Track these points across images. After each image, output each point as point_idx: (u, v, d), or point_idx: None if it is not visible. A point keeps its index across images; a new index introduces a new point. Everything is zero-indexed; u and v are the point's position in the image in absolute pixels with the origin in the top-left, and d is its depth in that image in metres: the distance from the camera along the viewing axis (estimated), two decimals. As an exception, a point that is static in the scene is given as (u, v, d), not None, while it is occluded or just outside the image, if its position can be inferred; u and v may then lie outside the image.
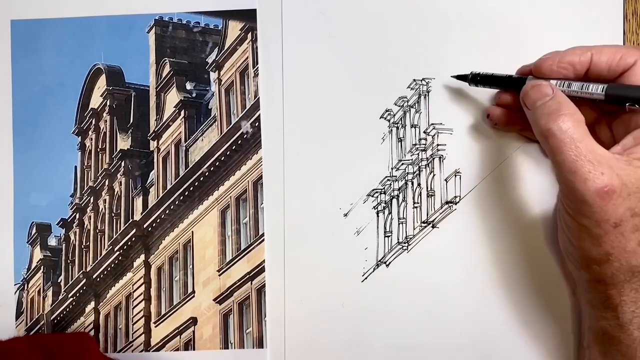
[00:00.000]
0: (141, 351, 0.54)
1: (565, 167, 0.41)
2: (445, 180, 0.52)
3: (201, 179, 0.55)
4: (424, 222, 0.52)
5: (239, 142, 0.54)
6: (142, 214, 0.55)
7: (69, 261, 0.56)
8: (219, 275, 0.54)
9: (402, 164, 0.52)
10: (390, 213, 0.52)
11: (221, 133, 0.54)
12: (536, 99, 0.43)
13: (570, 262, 0.45)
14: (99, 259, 0.56)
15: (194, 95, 0.55)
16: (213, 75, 0.55)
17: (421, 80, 0.52)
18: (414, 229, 0.52)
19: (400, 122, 0.52)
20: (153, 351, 0.54)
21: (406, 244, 0.52)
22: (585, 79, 0.44)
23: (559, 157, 0.41)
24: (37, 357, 0.45)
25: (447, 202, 0.51)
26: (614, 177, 0.40)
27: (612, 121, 0.46)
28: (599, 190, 0.39)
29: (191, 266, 0.54)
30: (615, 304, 0.42)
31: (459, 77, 0.50)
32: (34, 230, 0.55)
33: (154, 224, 0.55)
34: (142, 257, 0.55)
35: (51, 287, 0.56)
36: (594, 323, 0.44)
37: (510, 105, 0.48)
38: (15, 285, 0.55)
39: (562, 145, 0.41)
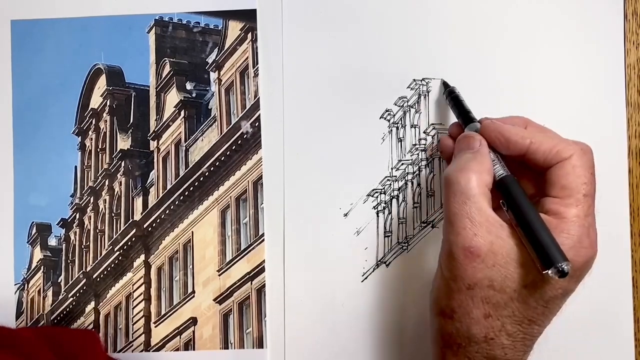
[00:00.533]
0: (141, 351, 0.54)
1: (447, 215, 0.41)
2: (445, 180, 0.52)
3: (201, 179, 0.55)
4: (423, 222, 0.52)
5: (239, 142, 0.54)
6: (142, 214, 0.55)
7: (69, 261, 0.56)
8: (219, 275, 0.54)
9: (402, 164, 0.52)
10: (390, 213, 0.52)
11: (221, 133, 0.54)
12: (462, 148, 0.44)
13: (430, 303, 0.45)
14: (99, 259, 0.56)
15: (194, 95, 0.55)
16: (213, 75, 0.55)
17: (421, 80, 0.52)
18: (414, 229, 0.52)
19: (400, 122, 0.52)
20: (153, 351, 0.54)
21: (406, 244, 0.52)
22: (523, 158, 0.43)
23: (445, 205, 0.42)
24: (44, 347, 0.45)
25: (447, 202, 0.51)
26: (485, 242, 0.40)
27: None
28: (465, 249, 0.40)
29: (191, 266, 0.55)
30: None
31: (445, 85, 0.51)
32: (34, 230, 0.55)
33: (154, 224, 0.55)
34: (142, 257, 0.55)
35: (51, 287, 0.56)
36: None
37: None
38: (15, 285, 0.55)
39: (451, 194, 0.41)
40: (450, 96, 0.49)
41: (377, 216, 0.52)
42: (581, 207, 0.41)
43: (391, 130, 0.52)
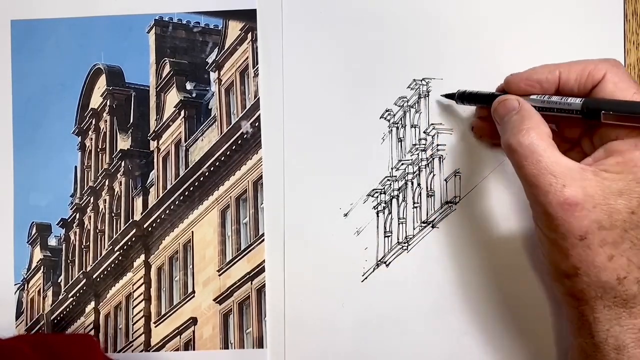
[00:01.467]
0: (141, 351, 0.54)
1: (527, 180, 0.41)
2: (445, 180, 0.52)
3: (201, 179, 0.55)
4: (424, 222, 0.52)
5: (239, 142, 0.54)
6: (142, 214, 0.55)
7: (69, 261, 0.56)
8: (219, 275, 0.54)
9: (402, 164, 0.52)
10: (390, 213, 0.52)
11: (221, 133, 0.54)
12: (503, 114, 0.44)
13: (547, 275, 0.44)
14: (99, 259, 0.56)
15: (194, 95, 0.55)
16: (213, 75, 0.55)
17: (421, 80, 0.52)
18: (414, 229, 0.52)
19: (400, 122, 0.52)
20: (153, 351, 0.54)
21: (406, 244, 0.52)
22: (561, 93, 0.44)
23: (521, 171, 0.41)
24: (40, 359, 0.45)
25: (447, 202, 0.51)
26: (577, 189, 0.39)
27: (592, 136, 0.45)
28: (561, 203, 0.39)
29: (191, 266, 0.55)
30: (589, 322, 0.41)
31: (447, 96, 0.50)
32: (34, 230, 0.55)
33: (154, 224, 0.55)
34: (142, 257, 0.55)
35: (51, 287, 0.56)
36: (573, 341, 0.43)
37: (490, 118, 0.48)
38: (15, 285, 0.55)
39: (522, 159, 0.41)
40: (464, 95, 0.49)
41: (377, 216, 0.52)
42: None
43: (391, 130, 0.52)
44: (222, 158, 0.54)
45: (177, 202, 0.55)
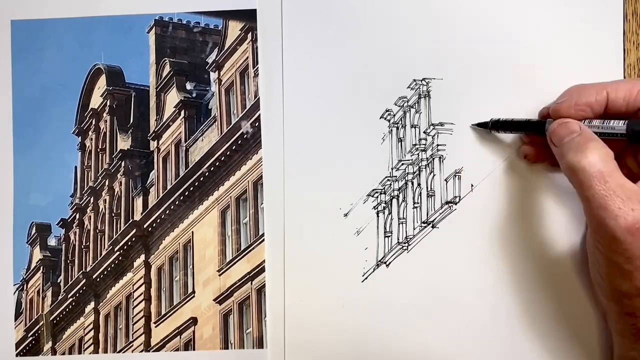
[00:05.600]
0: (141, 351, 0.54)
1: (594, 202, 0.40)
2: (445, 180, 0.52)
3: (201, 179, 0.55)
4: (424, 222, 0.52)
5: (239, 142, 0.54)
6: (142, 214, 0.55)
7: (68, 261, 0.56)
8: (219, 275, 0.54)
9: (402, 164, 0.52)
10: (390, 213, 0.52)
11: (221, 133, 0.54)
12: (564, 136, 0.43)
13: (600, 294, 0.44)
14: (99, 259, 0.56)
15: (194, 95, 0.55)
16: (213, 75, 0.55)
17: (421, 80, 0.52)
18: (414, 229, 0.52)
19: (400, 122, 0.52)
20: (153, 351, 0.54)
21: (406, 244, 0.52)
22: (604, 116, 0.44)
23: (588, 192, 0.40)
24: None
25: (447, 202, 0.51)
26: None
27: (637, 154, 0.45)
28: (630, 227, 0.39)
29: (191, 266, 0.54)
30: None
31: (480, 125, 0.50)
32: (33, 230, 0.55)
33: (154, 224, 0.55)
34: (142, 257, 0.55)
35: (51, 287, 0.56)
36: (624, 353, 0.43)
37: (539, 143, 0.48)
38: (14, 285, 0.55)
39: (590, 179, 0.40)
40: (499, 122, 0.49)
41: (377, 216, 0.52)
42: None
43: (391, 130, 0.52)
44: (222, 158, 0.54)
45: (177, 202, 0.55)
